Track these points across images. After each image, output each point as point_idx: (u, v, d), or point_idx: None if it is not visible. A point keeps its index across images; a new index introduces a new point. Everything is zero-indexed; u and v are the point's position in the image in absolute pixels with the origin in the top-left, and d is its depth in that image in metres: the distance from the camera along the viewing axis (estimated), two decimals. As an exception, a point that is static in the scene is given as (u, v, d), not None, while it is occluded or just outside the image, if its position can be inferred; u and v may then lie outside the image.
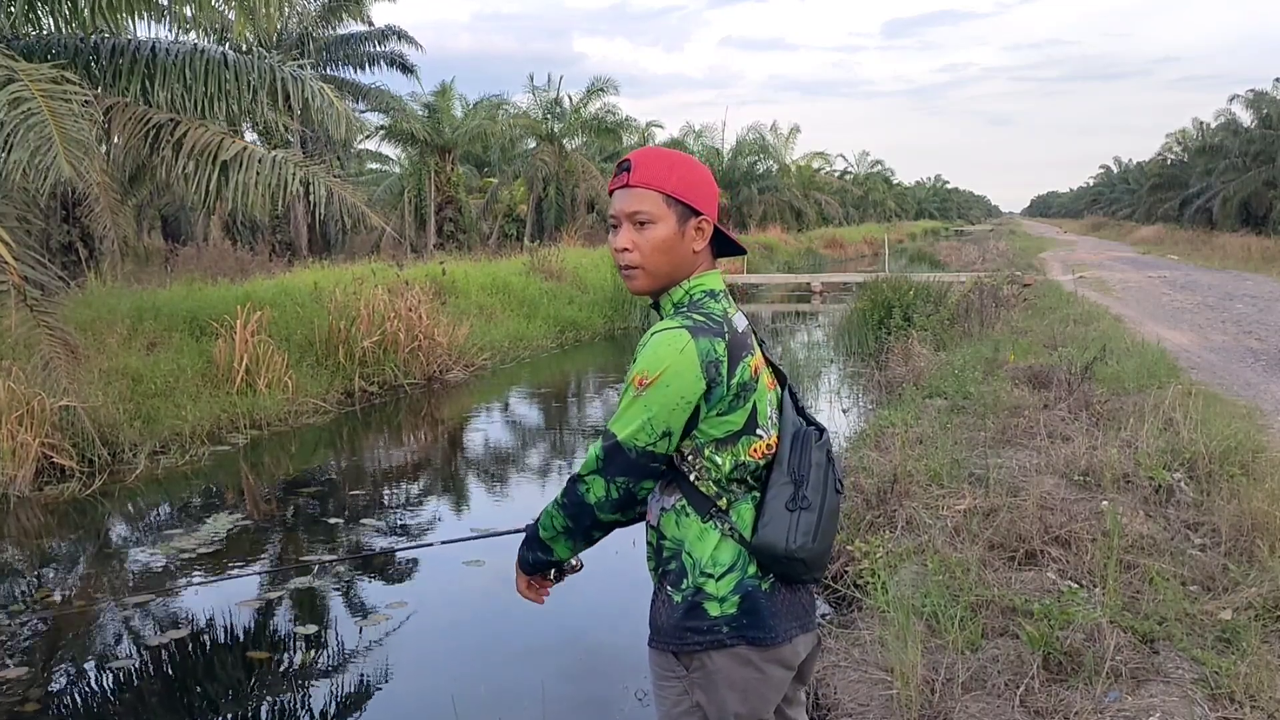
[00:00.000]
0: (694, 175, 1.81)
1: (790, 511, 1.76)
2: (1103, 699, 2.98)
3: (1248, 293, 16.82)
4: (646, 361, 1.71)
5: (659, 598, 1.85)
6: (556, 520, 1.83)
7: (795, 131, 42.75)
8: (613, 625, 4.66)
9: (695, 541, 1.78)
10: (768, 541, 1.75)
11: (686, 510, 1.79)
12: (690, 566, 1.78)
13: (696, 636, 1.77)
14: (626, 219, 1.79)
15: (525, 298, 14.76)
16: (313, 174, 9.21)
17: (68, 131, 6.79)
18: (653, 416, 1.69)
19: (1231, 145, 36.26)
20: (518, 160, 30.07)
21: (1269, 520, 4.15)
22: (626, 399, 1.73)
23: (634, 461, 1.72)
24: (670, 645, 1.81)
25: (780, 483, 1.78)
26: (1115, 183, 74.36)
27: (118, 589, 5.19)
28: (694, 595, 1.77)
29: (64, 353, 7.27)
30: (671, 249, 1.78)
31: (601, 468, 1.73)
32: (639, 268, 1.80)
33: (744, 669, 1.77)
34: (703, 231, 1.80)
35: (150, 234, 25.49)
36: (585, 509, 1.77)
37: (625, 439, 1.71)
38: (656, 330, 1.75)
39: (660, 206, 1.77)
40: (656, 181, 1.77)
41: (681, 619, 1.78)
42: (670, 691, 1.82)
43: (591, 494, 1.75)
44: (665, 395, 1.69)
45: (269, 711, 3.91)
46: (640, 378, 1.71)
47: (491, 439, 9.11)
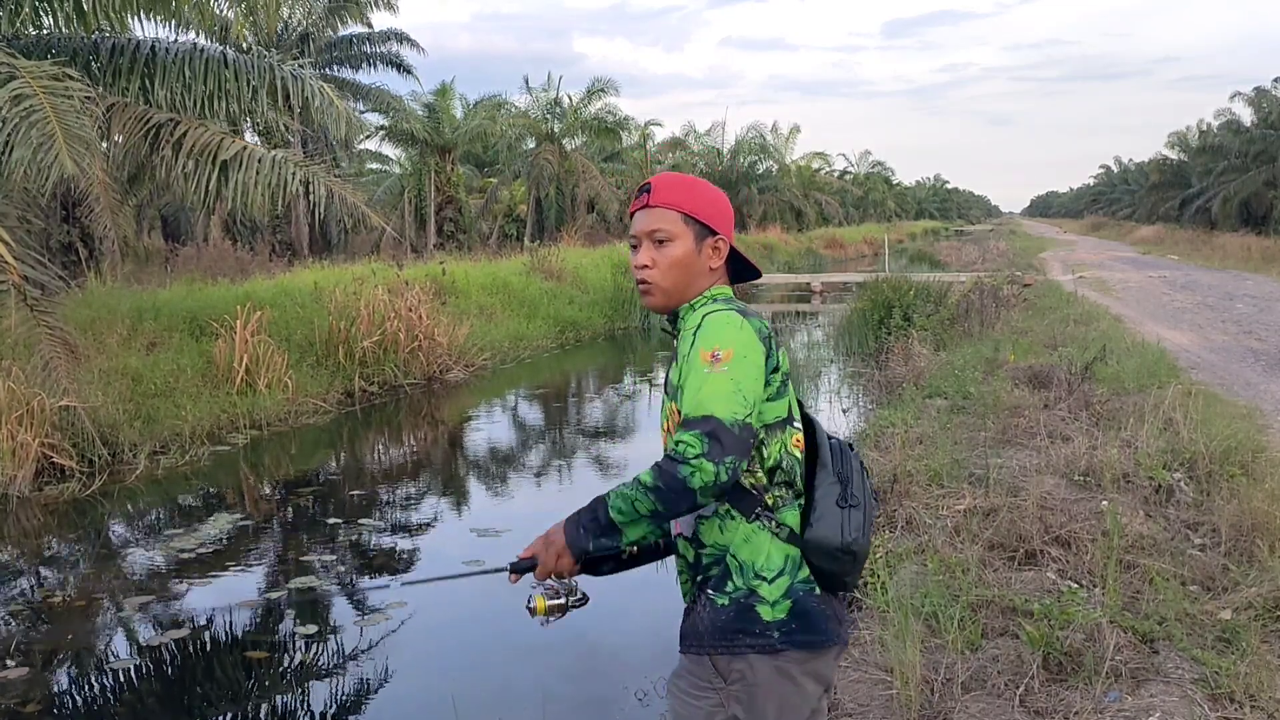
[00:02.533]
0: (711, 197, 1.89)
1: (841, 508, 1.78)
2: (1103, 699, 2.98)
3: (1248, 292, 16.82)
4: (713, 339, 1.72)
5: (699, 604, 1.81)
6: (642, 504, 1.70)
7: (795, 131, 42.81)
8: (612, 625, 4.66)
9: (742, 544, 1.77)
10: (822, 536, 1.77)
11: (731, 514, 1.78)
12: (736, 569, 1.77)
13: (747, 639, 1.75)
14: (646, 237, 1.87)
15: (525, 298, 14.76)
16: (313, 174, 9.21)
17: (70, 128, 6.79)
18: (742, 387, 1.68)
19: (1232, 145, 36.26)
20: (518, 160, 30.07)
21: (1269, 520, 4.15)
22: (703, 377, 1.68)
23: (739, 438, 1.65)
24: (717, 649, 1.77)
25: (828, 482, 1.81)
26: (1115, 183, 74.37)
27: (118, 589, 5.19)
28: (746, 598, 1.76)
29: (64, 353, 7.26)
30: (688, 266, 1.84)
31: (708, 451, 1.63)
32: (655, 284, 1.86)
33: (784, 682, 1.77)
34: (719, 251, 1.87)
35: (150, 234, 25.49)
36: (686, 494, 1.65)
37: (726, 416, 1.65)
38: (707, 313, 1.78)
39: (678, 225, 1.84)
40: (674, 202, 1.85)
41: (731, 621, 1.76)
42: (705, 703, 1.79)
43: (698, 478, 1.63)
44: (746, 366, 1.70)
45: (269, 711, 3.92)
46: (711, 353, 1.70)
47: (492, 439, 9.11)
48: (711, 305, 1.81)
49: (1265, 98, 34.60)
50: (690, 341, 1.75)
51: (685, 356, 1.75)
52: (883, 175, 66.63)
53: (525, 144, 29.65)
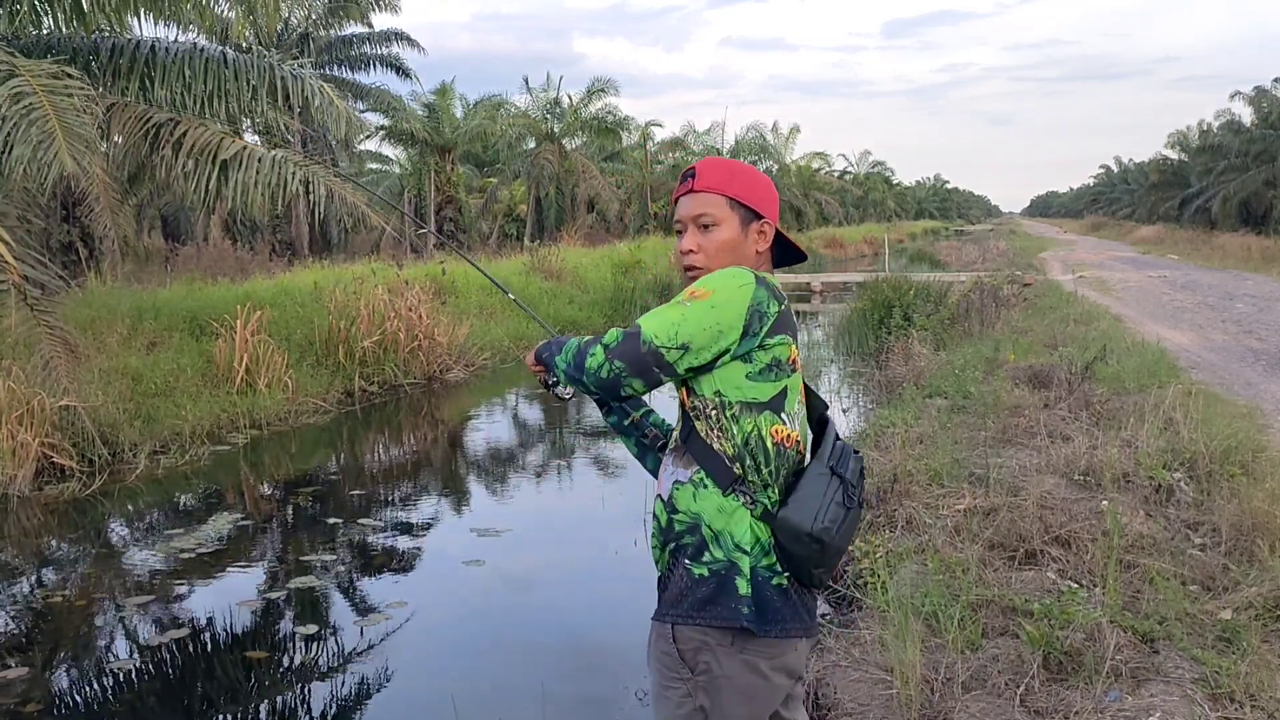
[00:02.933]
0: (756, 181, 1.89)
1: (824, 496, 1.78)
2: (1103, 699, 2.98)
3: (1248, 292, 16.82)
4: (707, 281, 1.77)
5: (675, 572, 1.83)
6: (570, 352, 1.82)
7: (795, 131, 42.81)
8: (612, 625, 4.66)
9: (717, 514, 1.78)
10: (794, 518, 1.76)
11: (705, 482, 1.79)
12: (712, 539, 1.77)
13: (719, 611, 1.75)
14: (691, 222, 1.87)
15: (525, 297, 14.76)
16: (312, 173, 9.21)
17: (70, 126, 6.79)
18: (683, 324, 1.72)
19: (1232, 145, 36.26)
20: (518, 160, 30.07)
21: (1269, 520, 4.15)
22: (671, 303, 1.77)
23: (640, 355, 1.72)
24: (689, 619, 1.78)
25: (817, 472, 1.81)
26: (1115, 183, 74.37)
27: (118, 589, 5.19)
28: (727, 570, 1.76)
29: (64, 352, 7.26)
30: (735, 249, 1.85)
31: (610, 344, 1.75)
32: (702, 268, 1.86)
33: (751, 675, 1.77)
34: (764, 235, 1.88)
35: (150, 234, 25.50)
36: (581, 366, 1.78)
37: (646, 331, 1.73)
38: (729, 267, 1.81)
39: (724, 209, 1.85)
40: (720, 186, 1.85)
41: (710, 593, 1.76)
42: (674, 693, 1.81)
43: (591, 360, 1.76)
44: (704, 314, 1.72)
45: (269, 711, 3.91)
46: (694, 290, 1.76)
47: (492, 439, 9.11)
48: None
49: (1265, 97, 34.59)
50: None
51: None
52: (883, 175, 66.63)
53: (525, 144, 29.65)
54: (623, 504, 6.38)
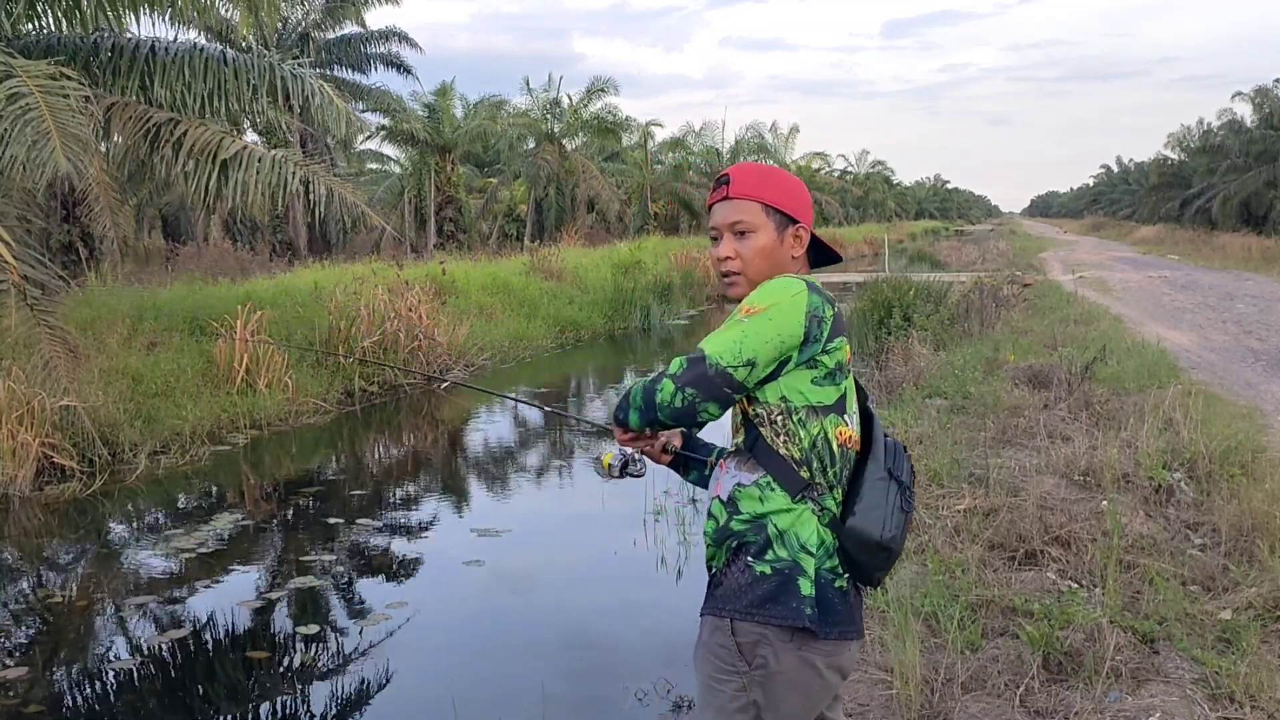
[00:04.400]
0: (790, 185, 1.90)
1: (887, 504, 1.80)
2: (1103, 699, 2.98)
3: (1248, 293, 16.82)
4: (759, 294, 1.78)
5: (733, 569, 1.82)
6: (637, 397, 1.83)
7: (795, 131, 42.77)
8: (612, 625, 4.66)
9: (784, 515, 1.78)
10: (863, 527, 1.78)
11: (772, 486, 1.80)
12: (777, 538, 1.77)
13: (780, 610, 1.75)
14: (727, 229, 1.88)
15: (525, 298, 14.76)
16: (312, 173, 9.21)
17: (65, 127, 6.78)
18: (745, 341, 1.73)
19: (1233, 145, 36.25)
20: (518, 160, 30.07)
21: (1269, 520, 4.15)
22: (728, 323, 1.78)
23: (709, 378, 1.73)
24: (746, 615, 1.77)
25: (876, 476, 1.82)
26: (1115, 183, 74.37)
27: (118, 589, 5.19)
28: (790, 569, 1.76)
29: (64, 352, 7.26)
30: (771, 255, 1.86)
31: (678, 374, 1.75)
32: (740, 274, 1.87)
33: (807, 672, 1.77)
34: (800, 239, 1.89)
35: (150, 234, 25.52)
36: (653, 404, 1.79)
37: (711, 354, 1.74)
38: (776, 277, 1.82)
39: (759, 215, 1.85)
40: (755, 192, 1.86)
41: (771, 591, 1.76)
42: (727, 687, 1.80)
43: (661, 394, 1.77)
44: (764, 327, 1.74)
45: (269, 711, 3.91)
46: (749, 307, 1.77)
47: (492, 439, 9.11)
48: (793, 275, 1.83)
49: (1266, 97, 34.58)
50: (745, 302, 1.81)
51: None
52: (883, 175, 66.60)
53: (525, 144, 29.66)
54: (622, 504, 6.38)
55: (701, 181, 35.55)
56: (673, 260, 20.71)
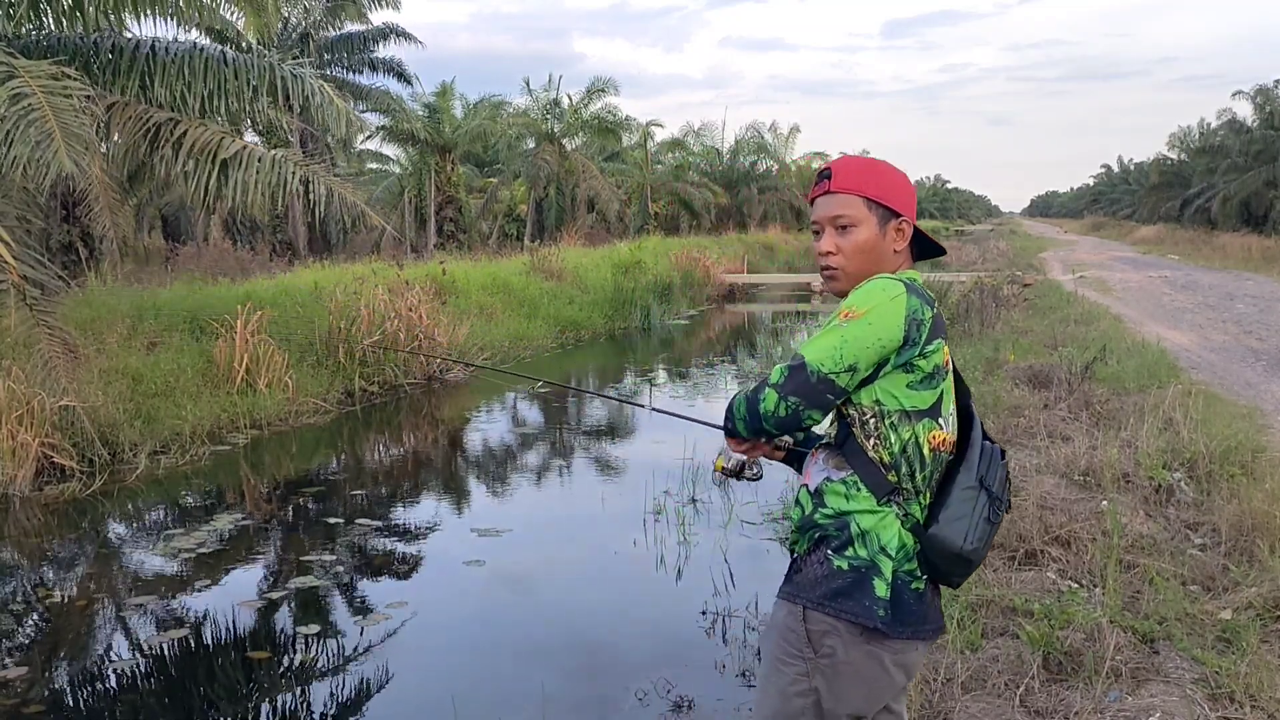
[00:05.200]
0: (892, 179, 1.88)
1: (972, 515, 1.79)
2: (1103, 699, 2.98)
3: (1248, 293, 16.81)
4: (858, 298, 1.77)
5: (812, 558, 1.83)
6: (740, 408, 1.84)
7: (795, 131, 42.77)
8: (612, 625, 4.66)
9: (867, 515, 1.78)
10: (947, 537, 1.78)
11: (859, 486, 1.80)
12: (859, 536, 1.78)
13: (852, 606, 1.76)
14: (829, 224, 1.87)
15: (525, 298, 14.76)
16: (312, 173, 9.21)
17: (68, 126, 6.79)
18: (845, 346, 1.73)
19: (1233, 145, 36.25)
20: (518, 160, 30.07)
21: (1269, 520, 4.15)
22: (826, 327, 1.78)
23: (812, 385, 1.74)
24: (819, 606, 1.78)
25: (966, 485, 1.81)
26: (1116, 183, 74.38)
27: (118, 589, 5.19)
28: (867, 569, 1.76)
29: (64, 352, 7.26)
30: (873, 250, 1.85)
31: (780, 383, 1.76)
32: (840, 269, 1.87)
33: (873, 667, 1.78)
34: (903, 233, 1.87)
35: (150, 234, 25.51)
36: (757, 414, 1.80)
37: (811, 360, 1.74)
38: (877, 277, 1.81)
39: (861, 210, 1.85)
40: (857, 186, 1.85)
41: (845, 586, 1.77)
42: (790, 670, 1.80)
43: (764, 404, 1.78)
44: (864, 331, 1.73)
45: (269, 711, 3.91)
46: (847, 310, 1.77)
47: (492, 439, 9.10)
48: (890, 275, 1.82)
49: (1267, 96, 34.57)
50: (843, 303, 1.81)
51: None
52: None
53: (525, 144, 29.66)
54: (623, 504, 6.38)
55: (702, 182, 35.57)
56: (673, 260, 20.71)
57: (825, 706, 1.78)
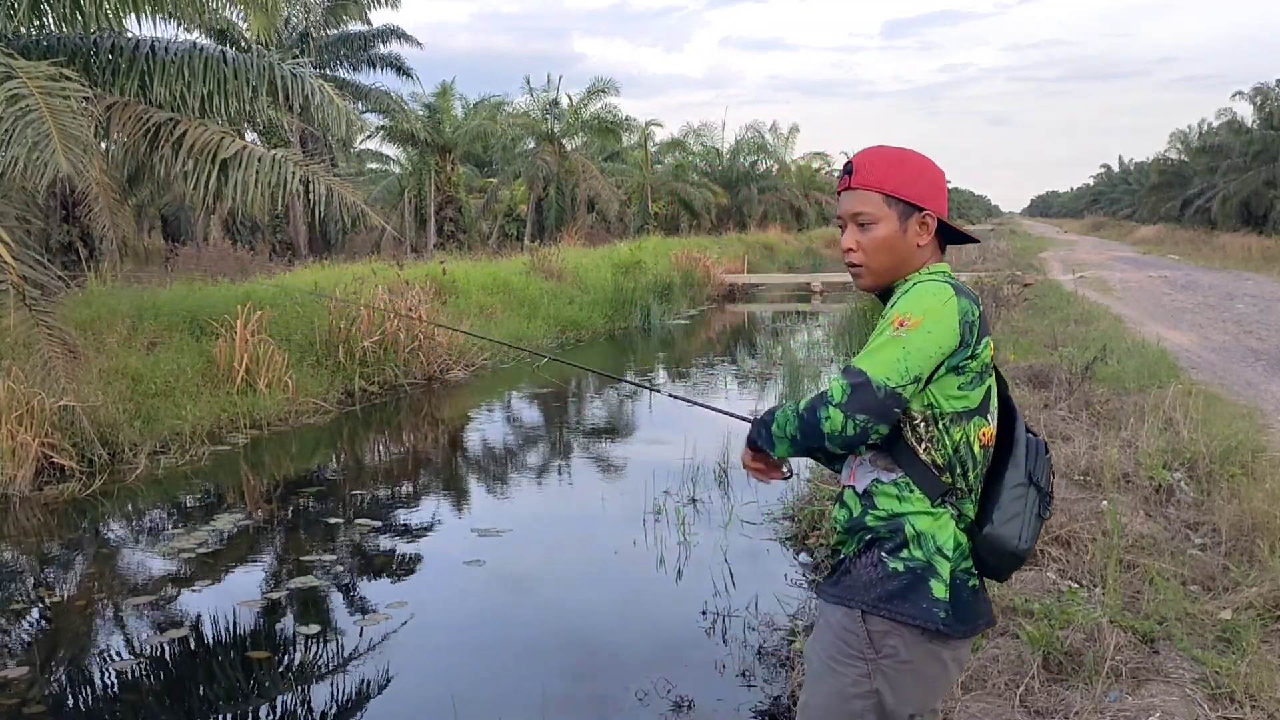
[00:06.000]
0: (915, 172, 1.84)
1: (1025, 513, 1.78)
2: (1103, 699, 2.98)
3: (1248, 292, 16.81)
4: (909, 305, 1.73)
5: (863, 560, 1.80)
6: (789, 426, 1.78)
7: (795, 131, 42.85)
8: (612, 625, 4.66)
9: (923, 518, 1.76)
10: (1002, 536, 1.77)
11: (911, 487, 1.77)
12: (914, 538, 1.75)
13: (910, 609, 1.73)
14: (850, 220, 1.85)
15: (525, 297, 14.75)
16: (312, 173, 9.21)
17: (66, 128, 6.79)
18: (908, 358, 1.69)
19: (1233, 144, 36.26)
20: (518, 160, 30.07)
21: (1269, 520, 4.15)
22: (881, 338, 1.72)
23: (879, 401, 1.68)
24: (878, 610, 1.75)
25: (1016, 482, 1.80)
26: (1116, 182, 74.40)
27: (118, 589, 5.19)
28: (923, 570, 1.74)
29: (63, 352, 7.26)
30: (893, 247, 1.82)
31: (844, 402, 1.69)
32: (863, 266, 1.85)
33: (934, 665, 1.77)
34: (926, 226, 1.83)
35: (150, 234, 25.50)
36: (817, 434, 1.73)
37: (876, 376, 1.69)
38: (917, 281, 1.78)
39: (880, 207, 1.82)
40: (876, 182, 1.82)
41: (901, 589, 1.74)
42: (850, 670, 1.77)
43: (828, 424, 1.71)
44: (924, 340, 1.70)
45: (269, 711, 3.91)
46: (901, 319, 1.72)
47: (492, 439, 9.10)
48: (931, 276, 1.80)
49: (1267, 96, 34.57)
50: (891, 307, 1.77)
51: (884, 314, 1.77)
52: (883, 175, 66.51)
53: (525, 144, 29.66)
54: (623, 504, 6.38)
55: (702, 182, 35.57)
56: (673, 260, 20.70)
57: (888, 707, 1.76)
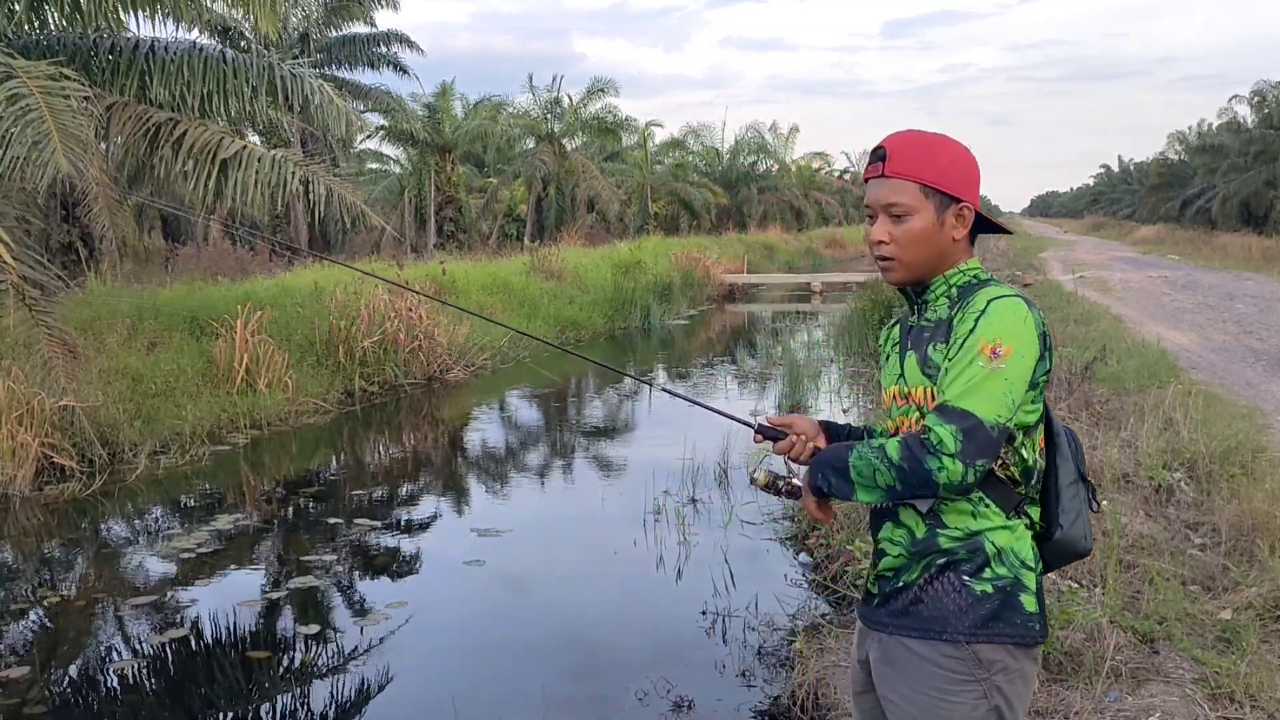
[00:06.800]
0: (952, 160, 1.72)
1: (1083, 511, 1.75)
2: (1103, 699, 2.98)
3: (1248, 293, 16.81)
4: (995, 329, 1.61)
5: (939, 586, 1.69)
6: (882, 476, 1.63)
7: (795, 131, 42.84)
8: (612, 625, 4.66)
9: (1002, 533, 1.68)
10: (1073, 538, 1.74)
11: (985, 502, 1.69)
12: (995, 555, 1.67)
13: (1007, 629, 1.67)
14: (882, 210, 1.72)
15: (525, 298, 14.75)
16: (312, 173, 9.21)
17: (66, 127, 6.79)
18: (1011, 390, 1.59)
19: (1232, 145, 36.28)
20: (518, 160, 30.06)
21: (1269, 520, 4.15)
22: (979, 372, 1.59)
23: (994, 441, 1.58)
24: (978, 638, 1.66)
25: (1070, 479, 1.76)
26: (1116, 182, 74.43)
27: (118, 589, 5.19)
28: (1012, 586, 1.67)
29: (63, 353, 7.26)
30: (930, 240, 1.70)
31: (961, 450, 1.56)
32: (895, 259, 1.72)
33: (1031, 668, 1.74)
34: (963, 219, 1.72)
35: (150, 234, 25.48)
36: (928, 485, 1.59)
37: (989, 417, 1.57)
38: (992, 297, 1.65)
39: (917, 198, 1.69)
40: (913, 171, 1.69)
41: (994, 610, 1.66)
42: (965, 697, 1.67)
43: (944, 475, 1.57)
44: (1021, 367, 1.60)
45: (269, 711, 3.91)
46: (992, 347, 1.60)
47: (492, 439, 9.10)
48: (996, 289, 1.66)
49: (1265, 98, 34.59)
50: (971, 325, 1.62)
51: (961, 339, 1.63)
52: (883, 175, 66.50)
53: (524, 144, 29.66)
54: (623, 504, 6.38)
55: (701, 182, 35.58)
56: (673, 260, 20.71)
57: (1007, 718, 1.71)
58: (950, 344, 1.65)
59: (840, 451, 1.72)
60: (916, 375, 1.72)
